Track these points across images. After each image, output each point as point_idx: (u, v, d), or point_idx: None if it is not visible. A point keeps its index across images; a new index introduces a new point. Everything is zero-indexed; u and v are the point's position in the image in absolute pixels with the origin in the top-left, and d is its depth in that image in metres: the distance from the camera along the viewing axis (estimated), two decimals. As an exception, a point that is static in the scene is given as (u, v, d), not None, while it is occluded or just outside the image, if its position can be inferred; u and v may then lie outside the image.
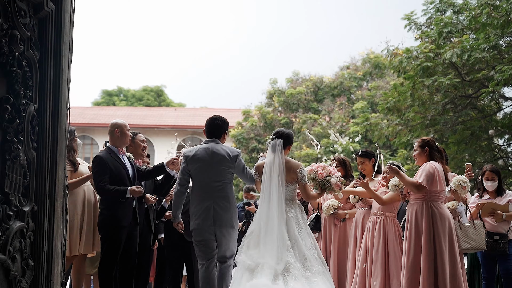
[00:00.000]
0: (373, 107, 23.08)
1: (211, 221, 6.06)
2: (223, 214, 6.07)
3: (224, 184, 6.15)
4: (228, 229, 6.10)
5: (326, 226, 7.57)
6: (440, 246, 5.98)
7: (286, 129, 6.40)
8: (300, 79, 27.34)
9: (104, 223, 6.35)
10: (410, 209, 6.30)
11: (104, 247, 6.34)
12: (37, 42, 3.59)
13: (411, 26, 15.37)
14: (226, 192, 6.15)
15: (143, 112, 36.87)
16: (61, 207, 3.88)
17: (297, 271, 5.58)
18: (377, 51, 26.43)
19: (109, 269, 6.28)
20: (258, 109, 26.15)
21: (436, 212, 6.10)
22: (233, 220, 6.15)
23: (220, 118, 6.41)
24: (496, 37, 12.32)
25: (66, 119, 4.04)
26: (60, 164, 3.82)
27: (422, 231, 6.07)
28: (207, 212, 6.06)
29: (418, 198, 6.19)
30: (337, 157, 7.86)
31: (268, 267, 5.58)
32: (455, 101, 14.20)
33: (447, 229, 6.06)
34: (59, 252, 3.86)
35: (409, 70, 13.79)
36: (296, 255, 5.73)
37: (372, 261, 6.63)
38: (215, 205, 6.07)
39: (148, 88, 45.52)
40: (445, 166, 6.36)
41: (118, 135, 6.57)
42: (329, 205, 7.42)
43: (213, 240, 6.13)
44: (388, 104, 14.66)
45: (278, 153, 6.09)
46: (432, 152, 6.29)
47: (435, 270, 5.95)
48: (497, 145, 15.49)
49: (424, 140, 6.41)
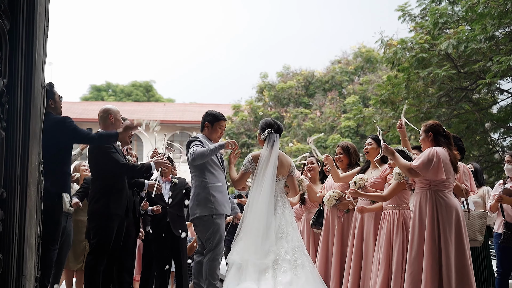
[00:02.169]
0: (365, 101, 22.82)
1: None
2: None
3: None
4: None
5: (329, 219, 7.06)
6: (445, 239, 5.54)
7: (279, 122, 6.30)
8: (291, 73, 27.10)
9: (97, 212, 5.96)
10: (414, 198, 5.90)
11: (96, 238, 5.94)
12: (7, 11, 3.29)
13: (405, 17, 15.08)
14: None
15: (132, 107, 36.49)
16: (35, 194, 3.54)
17: (286, 264, 5.59)
18: (370, 45, 26.31)
19: (99, 262, 5.92)
20: (248, 104, 25.93)
21: (442, 202, 5.65)
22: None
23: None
24: (493, 27, 12.05)
25: (41, 97, 3.69)
26: (34, 147, 3.48)
27: (426, 223, 5.66)
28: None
29: (422, 187, 5.78)
30: (341, 143, 7.40)
31: (252, 265, 5.56)
32: (450, 94, 13.94)
33: (453, 220, 5.61)
34: (33, 244, 3.52)
35: (403, 62, 13.52)
36: (284, 247, 5.72)
37: (377, 256, 6.23)
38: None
39: (137, 83, 45.16)
40: (453, 152, 5.89)
41: (112, 121, 6.17)
42: (330, 196, 6.95)
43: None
44: (382, 97, 14.36)
45: (275, 147, 6.02)
46: (437, 138, 5.85)
47: (439, 265, 5.54)
48: (492, 139, 15.25)
49: (428, 124, 5.97)
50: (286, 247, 5.70)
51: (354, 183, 6.59)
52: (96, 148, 6.03)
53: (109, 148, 5.97)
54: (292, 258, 5.65)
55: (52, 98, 5.67)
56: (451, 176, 5.78)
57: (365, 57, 25.89)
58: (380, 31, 14.65)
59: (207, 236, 6.05)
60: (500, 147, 15.29)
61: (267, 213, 5.78)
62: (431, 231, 5.60)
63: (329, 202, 6.94)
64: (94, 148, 6.07)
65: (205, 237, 6.07)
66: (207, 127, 6.34)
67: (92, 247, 5.95)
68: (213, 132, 6.35)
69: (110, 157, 5.97)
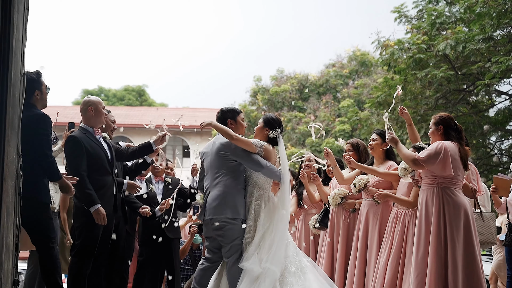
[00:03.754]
0: (360, 105, 22.62)
1: None
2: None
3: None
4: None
5: (334, 219, 6.74)
6: (452, 240, 5.20)
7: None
8: (285, 76, 26.90)
9: (81, 211, 5.55)
10: (421, 196, 5.55)
11: (80, 239, 5.54)
12: (-20, -11, 2.98)
13: (402, 19, 14.88)
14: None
15: (124, 111, 36.21)
16: (13, 190, 3.25)
17: (292, 277, 5.30)
18: (364, 48, 26.16)
19: (85, 265, 5.50)
20: (242, 108, 25.64)
21: (449, 200, 5.32)
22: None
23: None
24: (491, 27, 11.87)
25: (20, 86, 3.42)
26: (11, 139, 3.20)
27: (432, 222, 5.32)
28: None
29: (429, 184, 5.45)
30: (351, 140, 7.09)
31: (271, 275, 5.19)
32: (447, 96, 13.74)
33: (461, 220, 5.27)
34: (10, 244, 3.24)
35: (400, 63, 13.31)
36: (289, 256, 5.42)
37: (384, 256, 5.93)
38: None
39: (129, 88, 44.83)
40: (464, 147, 5.55)
41: (92, 113, 5.81)
42: (335, 194, 6.64)
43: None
44: (378, 98, 14.13)
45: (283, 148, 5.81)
46: (448, 131, 5.52)
47: (445, 268, 5.20)
48: (490, 142, 15.07)
49: (439, 117, 5.65)
50: (290, 256, 5.40)
51: (354, 185, 6.34)
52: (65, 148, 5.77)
53: (72, 151, 5.64)
54: (297, 268, 5.34)
55: (38, 88, 5.21)
56: (460, 173, 5.45)
57: (359, 60, 25.73)
58: (376, 32, 14.39)
59: (234, 242, 5.45)
60: (498, 150, 15.09)
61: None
62: (437, 230, 5.28)
63: (334, 201, 6.64)
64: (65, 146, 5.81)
65: (230, 242, 5.45)
66: (232, 124, 5.83)
67: (77, 249, 5.54)
68: (239, 127, 5.88)
69: (71, 161, 5.67)
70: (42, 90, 5.25)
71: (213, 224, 5.46)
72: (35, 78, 5.11)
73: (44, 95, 5.30)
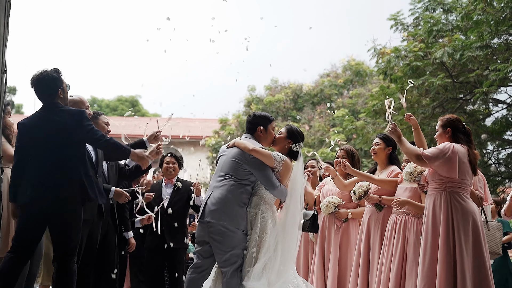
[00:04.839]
0: (354, 115, 22.43)
1: None
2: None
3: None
4: None
5: (325, 228, 6.52)
6: (461, 249, 4.95)
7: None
8: (279, 86, 26.70)
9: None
10: (427, 201, 5.29)
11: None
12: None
13: (398, 26, 14.71)
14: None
15: (117, 121, 35.98)
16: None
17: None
18: (359, 58, 26.04)
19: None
20: (235, 118, 25.44)
21: (458, 206, 5.07)
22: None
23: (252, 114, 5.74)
24: (489, 35, 11.73)
25: (2, 83, 3.19)
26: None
27: (440, 230, 5.05)
28: None
29: (436, 188, 5.19)
30: (345, 147, 6.88)
31: None
32: (444, 105, 13.57)
33: (470, 227, 5.02)
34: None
35: (396, 71, 13.15)
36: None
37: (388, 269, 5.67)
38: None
39: (122, 98, 44.59)
40: (474, 151, 5.29)
41: None
42: (329, 202, 6.44)
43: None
44: (374, 107, 13.95)
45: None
46: (456, 134, 5.28)
47: (454, 278, 4.92)
48: (488, 151, 14.91)
49: (447, 119, 5.40)
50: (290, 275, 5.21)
51: (353, 193, 6.13)
52: None
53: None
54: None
55: (61, 87, 4.95)
56: (469, 177, 5.21)
57: (354, 70, 25.55)
58: (373, 39, 14.21)
59: (233, 251, 5.11)
60: (495, 160, 14.92)
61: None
62: (446, 238, 5.01)
63: (328, 209, 6.43)
64: None
65: (229, 250, 5.11)
66: (261, 132, 5.51)
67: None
68: (268, 136, 5.55)
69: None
70: (63, 88, 4.98)
71: (210, 227, 5.14)
72: (57, 77, 4.87)
73: (66, 93, 5.05)
